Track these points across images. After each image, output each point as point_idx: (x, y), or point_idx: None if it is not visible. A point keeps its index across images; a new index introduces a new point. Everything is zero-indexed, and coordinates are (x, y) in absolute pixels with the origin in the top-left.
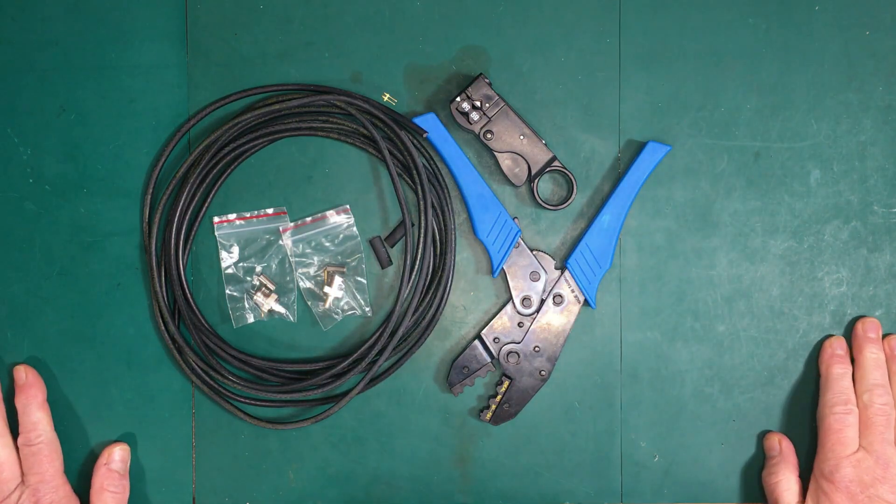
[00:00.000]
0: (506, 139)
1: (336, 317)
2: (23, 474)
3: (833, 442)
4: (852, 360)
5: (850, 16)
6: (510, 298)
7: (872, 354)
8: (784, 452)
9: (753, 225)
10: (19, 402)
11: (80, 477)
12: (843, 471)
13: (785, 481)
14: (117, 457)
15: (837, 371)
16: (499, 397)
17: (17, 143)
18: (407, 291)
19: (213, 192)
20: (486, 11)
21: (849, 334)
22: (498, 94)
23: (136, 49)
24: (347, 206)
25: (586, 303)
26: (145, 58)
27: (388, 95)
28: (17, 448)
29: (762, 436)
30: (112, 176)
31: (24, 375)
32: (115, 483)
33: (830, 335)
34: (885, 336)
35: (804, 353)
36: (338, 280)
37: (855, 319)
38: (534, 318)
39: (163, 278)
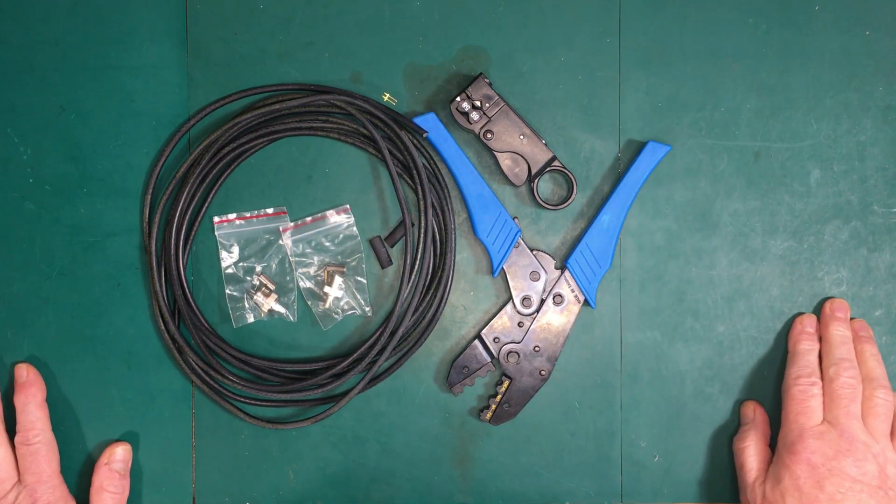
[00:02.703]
0: (506, 139)
1: (336, 317)
2: (19, 474)
3: (796, 413)
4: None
5: (850, 16)
6: (510, 298)
7: (839, 332)
8: (757, 420)
9: (753, 225)
10: (18, 401)
11: (80, 477)
12: (805, 441)
13: (753, 447)
14: (119, 456)
15: (804, 346)
16: (499, 397)
17: (17, 143)
18: (407, 291)
19: (213, 192)
20: (486, 11)
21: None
22: (498, 94)
23: (136, 49)
24: (347, 206)
25: (586, 303)
26: (145, 58)
27: (388, 95)
28: (13, 447)
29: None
30: (112, 176)
31: (25, 374)
32: (115, 483)
33: (801, 313)
34: (851, 319)
35: None
36: (338, 280)
37: (824, 300)
38: (534, 318)
39: (163, 278)
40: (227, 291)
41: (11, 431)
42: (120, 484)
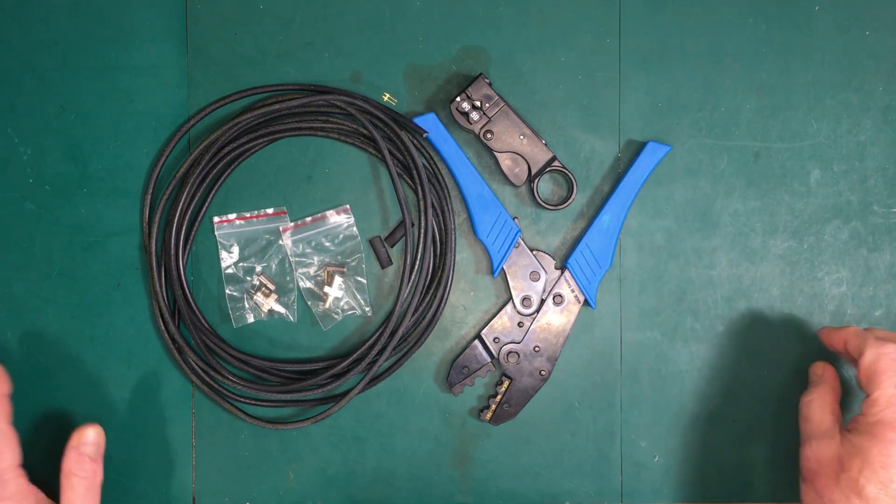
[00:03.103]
0: (506, 139)
1: (336, 317)
2: None
3: (888, 383)
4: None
5: (850, 16)
6: (510, 298)
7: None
8: (826, 377)
9: (753, 225)
10: None
11: None
12: None
13: (822, 400)
14: (89, 438)
15: (856, 328)
16: (499, 397)
17: (17, 143)
18: (407, 291)
19: (213, 192)
20: (486, 11)
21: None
22: (498, 94)
23: (136, 49)
24: (347, 206)
25: (586, 303)
26: (145, 58)
27: (388, 95)
28: None
29: (763, 435)
30: (112, 176)
31: None
32: (85, 467)
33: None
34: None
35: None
36: (338, 280)
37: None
38: (534, 318)
39: (163, 278)
40: (227, 291)
41: None
42: (90, 468)
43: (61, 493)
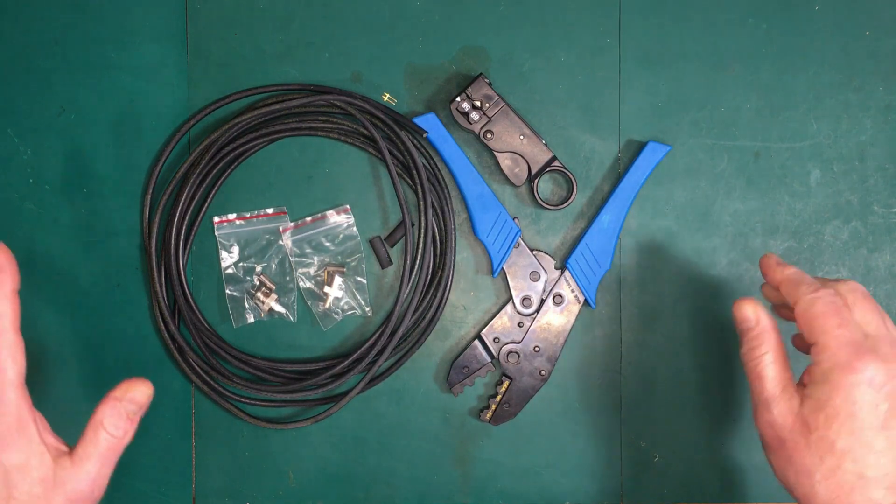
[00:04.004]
0: (506, 139)
1: (336, 317)
2: None
3: (838, 325)
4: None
5: (850, 16)
6: (510, 298)
7: (794, 268)
8: (763, 323)
9: (753, 225)
10: None
11: None
12: (864, 358)
13: (773, 352)
14: (136, 396)
15: (793, 269)
16: (499, 397)
17: (17, 143)
18: (407, 291)
19: (213, 192)
20: (486, 11)
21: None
22: (498, 94)
23: (136, 49)
24: (347, 206)
25: (586, 303)
26: (145, 58)
27: (388, 95)
28: None
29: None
30: (112, 176)
31: None
32: (119, 424)
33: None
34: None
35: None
36: (338, 280)
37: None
38: (534, 318)
39: (163, 278)
40: (227, 291)
41: None
42: (124, 427)
43: (81, 441)
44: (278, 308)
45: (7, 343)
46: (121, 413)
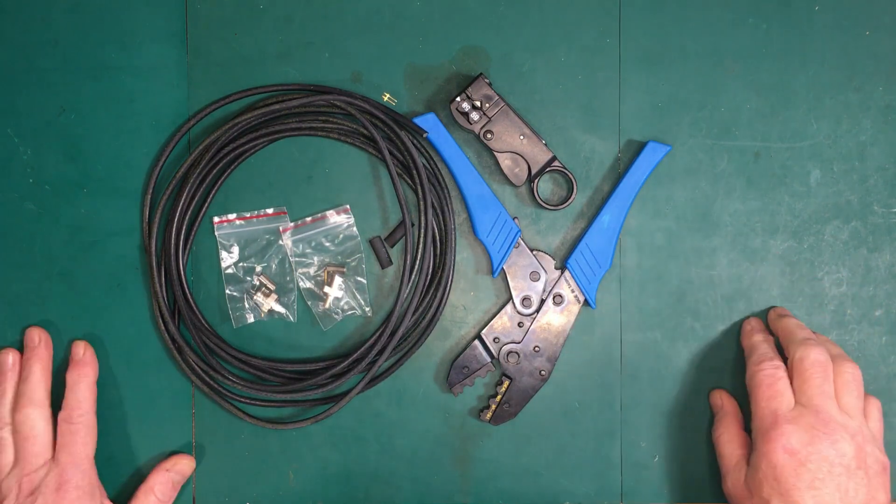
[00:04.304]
0: (506, 139)
1: (336, 317)
2: (55, 451)
3: (767, 398)
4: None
5: (850, 16)
6: (510, 298)
7: (793, 321)
8: (726, 407)
9: (753, 225)
10: (70, 378)
11: None
12: (780, 427)
13: (726, 434)
14: (181, 467)
15: (758, 337)
16: (499, 397)
17: (17, 143)
18: (407, 291)
19: (213, 192)
20: (486, 11)
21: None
22: (498, 94)
23: (136, 49)
24: (347, 206)
25: (586, 303)
26: (145, 58)
27: (388, 95)
28: (55, 424)
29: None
30: (112, 176)
31: (82, 352)
32: (166, 490)
33: (749, 317)
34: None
35: None
36: (338, 280)
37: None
38: (534, 318)
39: (163, 278)
40: (227, 291)
41: (56, 407)
42: (169, 494)
43: (133, 502)
44: (278, 308)
45: (88, 424)
46: (168, 482)
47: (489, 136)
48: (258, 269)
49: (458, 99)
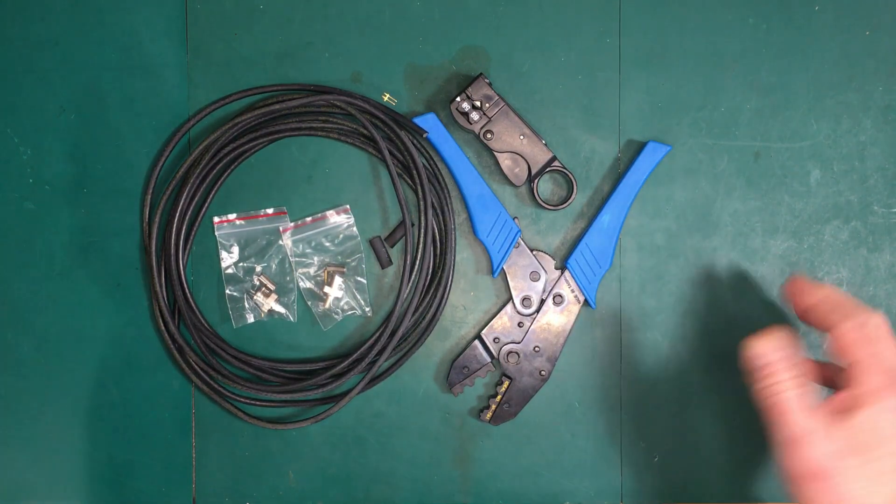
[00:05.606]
0: (506, 139)
1: (336, 317)
2: None
3: (867, 353)
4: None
5: (850, 16)
6: (510, 298)
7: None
8: (779, 354)
9: (753, 225)
10: None
11: (80, 477)
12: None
13: (792, 383)
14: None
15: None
16: (499, 397)
17: (17, 143)
18: (407, 291)
19: (213, 192)
20: (486, 11)
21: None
22: (498, 94)
23: (136, 49)
24: (347, 206)
25: (586, 303)
26: (145, 58)
27: (388, 95)
28: None
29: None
30: (112, 176)
31: None
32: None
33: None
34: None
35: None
36: (338, 280)
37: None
38: (534, 318)
39: (163, 278)
40: (227, 291)
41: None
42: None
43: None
44: (278, 308)
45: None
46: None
47: (489, 136)
48: (258, 269)
49: (458, 99)
